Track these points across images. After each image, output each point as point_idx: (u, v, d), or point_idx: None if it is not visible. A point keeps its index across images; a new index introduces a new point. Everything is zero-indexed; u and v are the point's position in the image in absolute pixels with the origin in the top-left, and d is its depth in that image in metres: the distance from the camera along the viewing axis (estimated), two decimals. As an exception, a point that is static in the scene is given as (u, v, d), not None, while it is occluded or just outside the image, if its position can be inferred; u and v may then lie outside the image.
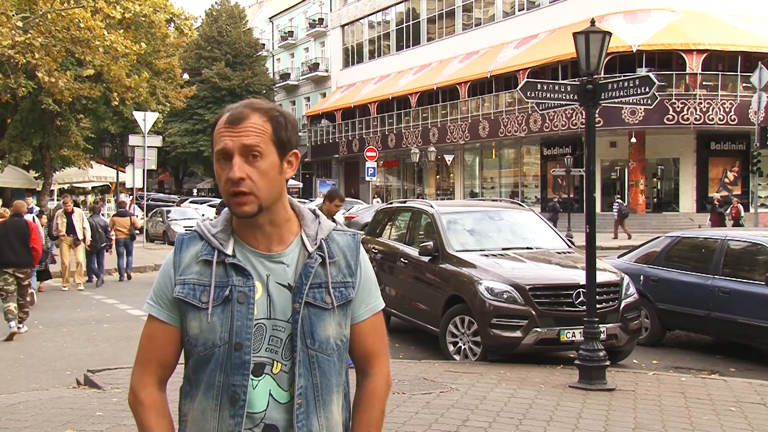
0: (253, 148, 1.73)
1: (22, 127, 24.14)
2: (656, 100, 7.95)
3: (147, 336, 1.86)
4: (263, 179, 1.74)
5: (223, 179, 1.74)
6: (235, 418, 1.75)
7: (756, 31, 32.01)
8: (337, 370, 1.84)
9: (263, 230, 1.81)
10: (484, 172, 41.69)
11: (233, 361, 1.75)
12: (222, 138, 1.74)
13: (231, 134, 1.73)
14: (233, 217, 1.84)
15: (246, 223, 1.81)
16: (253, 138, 1.73)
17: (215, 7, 55.54)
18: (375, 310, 1.92)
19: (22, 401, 6.51)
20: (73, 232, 15.34)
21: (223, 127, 1.75)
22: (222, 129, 1.75)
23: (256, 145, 1.73)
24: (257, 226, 1.81)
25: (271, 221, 1.81)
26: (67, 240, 15.34)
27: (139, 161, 23.51)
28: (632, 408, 6.16)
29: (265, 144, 1.75)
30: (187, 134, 51.99)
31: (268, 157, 1.75)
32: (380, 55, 48.65)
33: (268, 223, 1.80)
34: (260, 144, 1.74)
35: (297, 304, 1.78)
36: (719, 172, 33.00)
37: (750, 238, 9.22)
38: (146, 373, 1.84)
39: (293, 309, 1.78)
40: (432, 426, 5.55)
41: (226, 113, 1.78)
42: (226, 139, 1.73)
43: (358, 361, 1.94)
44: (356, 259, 1.88)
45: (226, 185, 1.74)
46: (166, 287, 1.83)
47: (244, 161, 1.73)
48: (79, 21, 15.95)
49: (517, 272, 8.16)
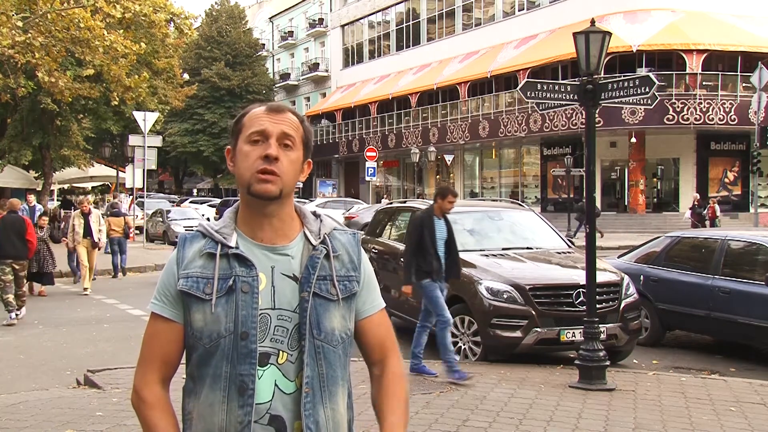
0: (289, 136, 1.84)
1: (21, 126, 24.16)
2: (656, 100, 7.95)
3: (150, 334, 1.88)
4: (290, 167, 1.83)
5: (253, 157, 1.81)
6: (244, 408, 1.75)
7: (756, 31, 32.01)
8: (342, 363, 1.86)
9: (272, 224, 1.85)
10: (484, 172, 41.69)
11: (239, 351, 1.76)
12: (261, 121, 1.84)
13: (272, 120, 1.84)
14: (238, 213, 1.89)
15: (255, 217, 1.85)
16: (290, 129, 1.85)
17: (215, 7, 55.56)
18: (379, 306, 1.96)
19: (22, 401, 6.51)
20: (90, 234, 14.78)
21: (263, 113, 1.85)
22: (261, 114, 1.85)
23: (292, 135, 1.84)
24: (266, 218, 1.84)
25: (281, 215, 1.85)
26: (85, 242, 14.74)
27: (139, 161, 23.51)
28: (632, 408, 6.16)
29: (298, 139, 1.86)
30: (187, 134, 52.01)
31: (297, 150, 1.86)
32: (380, 55, 48.66)
33: (278, 216, 1.85)
34: (295, 137, 1.85)
35: (305, 293, 1.80)
36: (719, 172, 33.00)
37: (750, 238, 9.22)
38: (149, 372, 1.85)
39: (301, 298, 1.80)
40: (432, 426, 5.55)
41: (260, 106, 1.89)
42: (267, 123, 1.83)
43: (370, 356, 1.97)
44: (358, 255, 1.92)
45: (255, 163, 1.80)
46: (169, 284, 1.85)
47: (279, 146, 1.82)
48: (79, 21, 15.96)
49: (517, 272, 8.17)
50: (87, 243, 14.73)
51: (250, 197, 1.82)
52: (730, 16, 32.40)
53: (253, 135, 1.82)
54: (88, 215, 14.87)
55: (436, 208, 7.52)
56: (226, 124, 51.05)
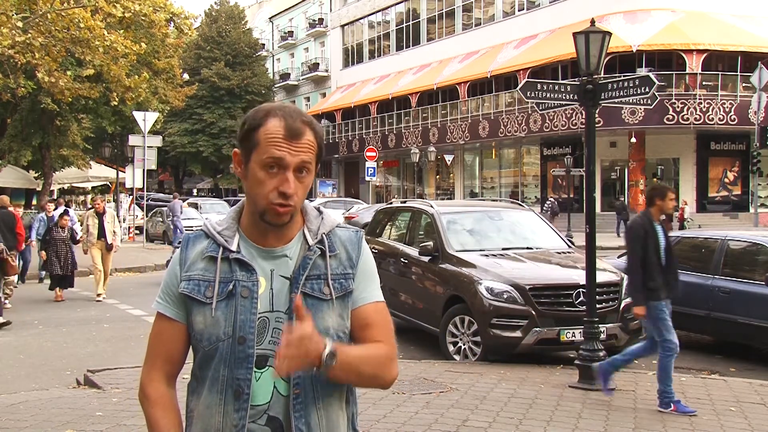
0: (306, 164, 1.79)
1: (21, 126, 24.16)
2: (656, 100, 7.95)
3: (155, 333, 1.91)
4: (304, 191, 1.81)
5: (269, 187, 1.76)
6: (240, 411, 1.77)
7: (756, 31, 32.01)
8: None
9: (273, 229, 1.84)
10: (484, 172, 41.69)
11: (237, 355, 1.78)
12: (281, 149, 1.75)
13: (291, 149, 1.76)
14: (241, 216, 1.89)
15: (256, 224, 1.84)
16: (308, 155, 1.79)
17: (214, 7, 55.56)
18: (373, 298, 1.89)
19: (22, 401, 6.51)
20: (104, 235, 13.72)
21: (282, 139, 1.76)
22: (281, 141, 1.76)
23: (309, 162, 1.79)
24: (268, 227, 1.83)
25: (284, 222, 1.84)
26: (99, 244, 13.65)
27: (139, 161, 23.53)
28: (632, 408, 6.16)
29: (314, 160, 1.82)
30: (187, 134, 52.00)
31: (312, 172, 1.83)
32: (380, 55, 48.66)
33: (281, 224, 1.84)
34: (311, 161, 1.80)
35: (293, 294, 1.80)
36: (719, 172, 33.01)
37: (750, 238, 9.22)
38: (154, 369, 1.89)
39: (290, 299, 1.80)
40: (432, 426, 5.55)
41: (278, 119, 1.78)
42: (286, 153, 1.75)
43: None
44: (357, 252, 1.90)
45: (272, 195, 1.76)
46: (172, 284, 1.88)
47: (295, 176, 1.77)
48: (79, 21, 15.96)
49: (517, 272, 8.16)
50: (101, 245, 13.70)
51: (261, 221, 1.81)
52: (730, 16, 32.40)
53: (268, 160, 1.76)
54: (102, 215, 13.87)
55: (654, 212, 6.37)
56: (226, 124, 51.08)
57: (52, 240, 13.54)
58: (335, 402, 1.85)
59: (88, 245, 13.70)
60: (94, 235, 13.67)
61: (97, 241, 13.67)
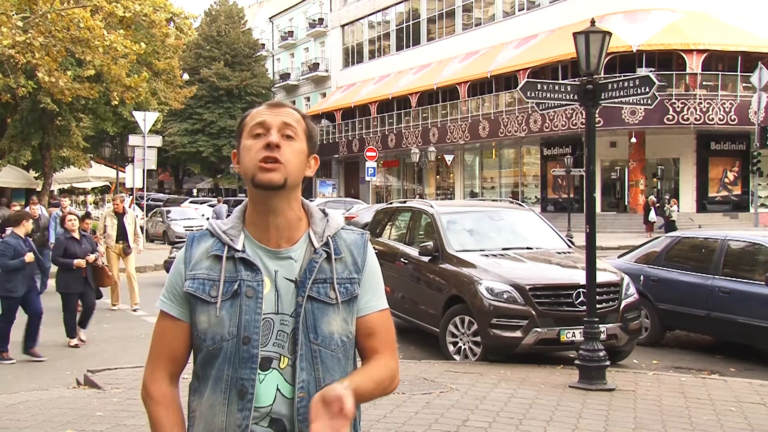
0: (290, 127, 1.83)
1: (21, 126, 24.15)
2: (656, 100, 7.95)
3: (158, 332, 1.91)
4: (294, 156, 1.82)
5: (255, 148, 1.81)
6: (243, 411, 1.77)
7: (756, 31, 32.00)
8: (342, 367, 1.84)
9: (277, 223, 1.84)
10: (484, 172, 41.68)
11: (241, 355, 1.77)
12: (261, 116, 1.84)
13: (271, 113, 1.84)
14: (246, 213, 1.89)
15: (260, 215, 1.84)
16: (291, 120, 1.85)
17: (214, 7, 55.56)
18: (377, 307, 1.91)
19: (22, 401, 6.51)
20: (124, 237, 12.51)
21: (264, 108, 1.87)
22: (262, 110, 1.87)
23: (293, 125, 1.84)
24: (272, 215, 1.83)
25: (286, 214, 1.84)
26: (117, 248, 12.43)
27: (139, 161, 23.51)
28: (632, 408, 6.16)
29: (300, 131, 1.86)
30: (186, 134, 51.99)
31: (300, 141, 1.85)
32: (380, 55, 48.66)
33: (282, 214, 1.84)
34: (296, 128, 1.85)
35: (300, 297, 1.80)
36: (719, 172, 33.01)
37: (750, 238, 9.22)
38: (156, 368, 1.89)
39: (296, 303, 1.80)
40: (432, 426, 5.55)
41: (260, 106, 1.90)
42: (266, 116, 1.84)
43: (361, 354, 1.93)
44: (363, 256, 1.90)
45: (258, 153, 1.80)
46: (176, 283, 1.87)
47: (280, 136, 1.81)
48: (79, 21, 15.95)
49: (517, 272, 8.17)
50: (119, 249, 12.46)
51: (256, 189, 1.81)
52: (730, 16, 32.40)
53: (254, 128, 1.83)
54: (122, 216, 12.61)
55: None
56: (225, 124, 51.07)
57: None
58: None
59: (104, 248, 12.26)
60: (113, 238, 12.40)
61: (115, 244, 12.43)
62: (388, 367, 1.87)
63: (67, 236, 9.81)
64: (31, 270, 9.10)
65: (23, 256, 8.78)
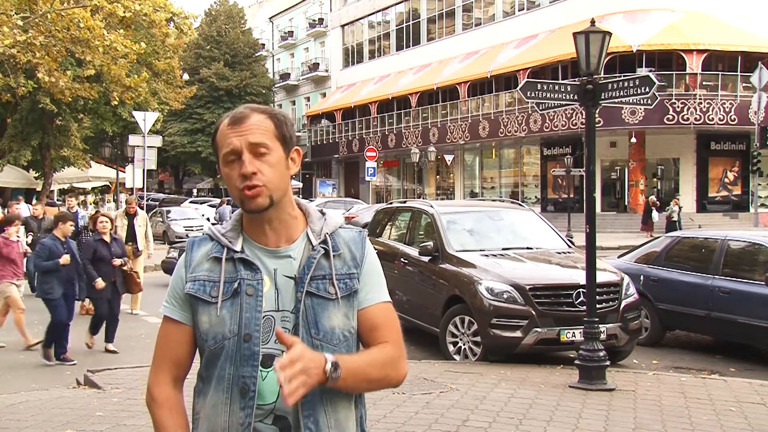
0: (260, 144, 1.79)
1: (21, 126, 24.16)
2: (656, 100, 7.95)
3: (161, 336, 1.93)
4: (273, 172, 1.80)
5: (234, 177, 1.80)
6: (246, 410, 1.77)
7: (756, 31, 32.00)
8: None
9: (272, 227, 1.86)
10: (484, 172, 41.68)
11: (242, 353, 1.79)
12: (228, 139, 1.81)
13: (236, 134, 1.80)
14: (243, 217, 1.90)
15: (255, 221, 1.86)
16: (258, 135, 1.80)
17: (214, 7, 55.55)
18: (378, 299, 1.90)
19: (22, 401, 6.51)
20: (133, 239, 12.15)
21: (228, 128, 1.82)
22: (226, 131, 1.82)
23: (262, 141, 1.80)
24: (266, 223, 1.85)
25: (279, 218, 1.86)
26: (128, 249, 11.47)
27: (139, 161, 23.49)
28: (632, 408, 6.16)
29: (270, 140, 1.81)
30: (186, 134, 51.99)
31: (275, 152, 1.81)
32: (380, 55, 48.65)
33: (276, 219, 1.85)
34: (266, 140, 1.80)
35: (299, 293, 1.81)
36: (719, 172, 33.00)
37: (750, 238, 9.22)
38: (160, 372, 1.90)
39: (296, 299, 1.81)
40: (432, 426, 5.55)
41: (226, 118, 1.85)
42: (233, 139, 1.80)
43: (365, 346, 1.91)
44: (362, 252, 1.91)
45: (237, 182, 1.79)
46: (178, 287, 1.89)
47: (253, 157, 1.78)
48: (79, 21, 15.96)
49: (517, 272, 8.17)
50: (129, 251, 11.58)
51: (247, 214, 1.85)
52: (730, 16, 32.39)
53: (227, 156, 1.80)
54: (133, 217, 12.25)
55: None
56: (226, 124, 50.99)
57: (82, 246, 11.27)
58: (344, 401, 1.85)
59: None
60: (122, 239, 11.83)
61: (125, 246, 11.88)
62: (386, 352, 1.85)
63: (97, 238, 9.46)
64: (68, 273, 8.82)
65: (59, 258, 8.60)
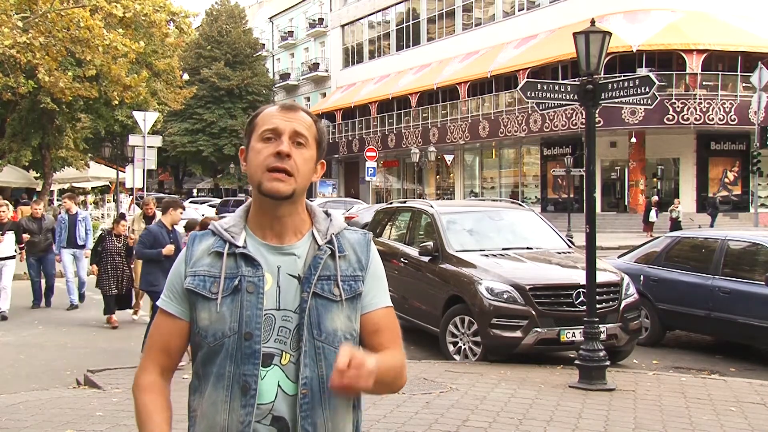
0: (301, 135, 1.83)
1: (21, 126, 24.15)
2: (656, 100, 7.95)
3: (154, 327, 1.92)
4: (304, 166, 1.83)
5: (264, 154, 1.80)
6: (246, 408, 1.76)
7: (756, 31, 32.00)
8: None
9: (281, 222, 1.85)
10: (484, 172, 41.69)
11: (243, 351, 1.77)
12: (273, 119, 1.84)
13: (284, 118, 1.83)
14: (249, 212, 1.89)
15: (264, 215, 1.85)
16: (303, 128, 1.84)
17: (215, 6, 55.57)
18: (381, 304, 1.91)
19: (22, 401, 6.50)
20: None
21: (276, 111, 1.86)
22: (274, 112, 1.85)
23: (304, 134, 1.84)
24: (276, 217, 1.84)
25: (290, 214, 1.85)
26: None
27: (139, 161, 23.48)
28: (632, 408, 6.16)
29: (311, 138, 1.86)
30: (187, 134, 52.01)
31: (310, 149, 1.85)
32: (380, 55, 48.65)
33: (287, 215, 1.85)
34: (308, 135, 1.85)
35: (305, 293, 1.80)
36: (719, 172, 33.01)
37: (750, 238, 9.22)
38: (148, 360, 1.90)
39: (301, 298, 1.80)
40: (432, 426, 5.55)
41: (272, 106, 1.89)
42: (279, 121, 1.83)
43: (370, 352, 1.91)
44: (367, 255, 1.91)
45: (267, 160, 1.80)
46: (176, 282, 1.88)
47: (291, 144, 1.81)
48: (78, 21, 15.97)
49: (517, 272, 8.17)
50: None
51: (261, 196, 1.82)
52: (730, 16, 32.39)
53: (265, 132, 1.82)
54: (152, 219, 11.49)
55: None
56: (226, 124, 51.09)
57: (106, 252, 10.95)
58: (342, 405, 1.84)
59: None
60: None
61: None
62: (398, 358, 1.88)
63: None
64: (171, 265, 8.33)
65: (163, 247, 8.07)
